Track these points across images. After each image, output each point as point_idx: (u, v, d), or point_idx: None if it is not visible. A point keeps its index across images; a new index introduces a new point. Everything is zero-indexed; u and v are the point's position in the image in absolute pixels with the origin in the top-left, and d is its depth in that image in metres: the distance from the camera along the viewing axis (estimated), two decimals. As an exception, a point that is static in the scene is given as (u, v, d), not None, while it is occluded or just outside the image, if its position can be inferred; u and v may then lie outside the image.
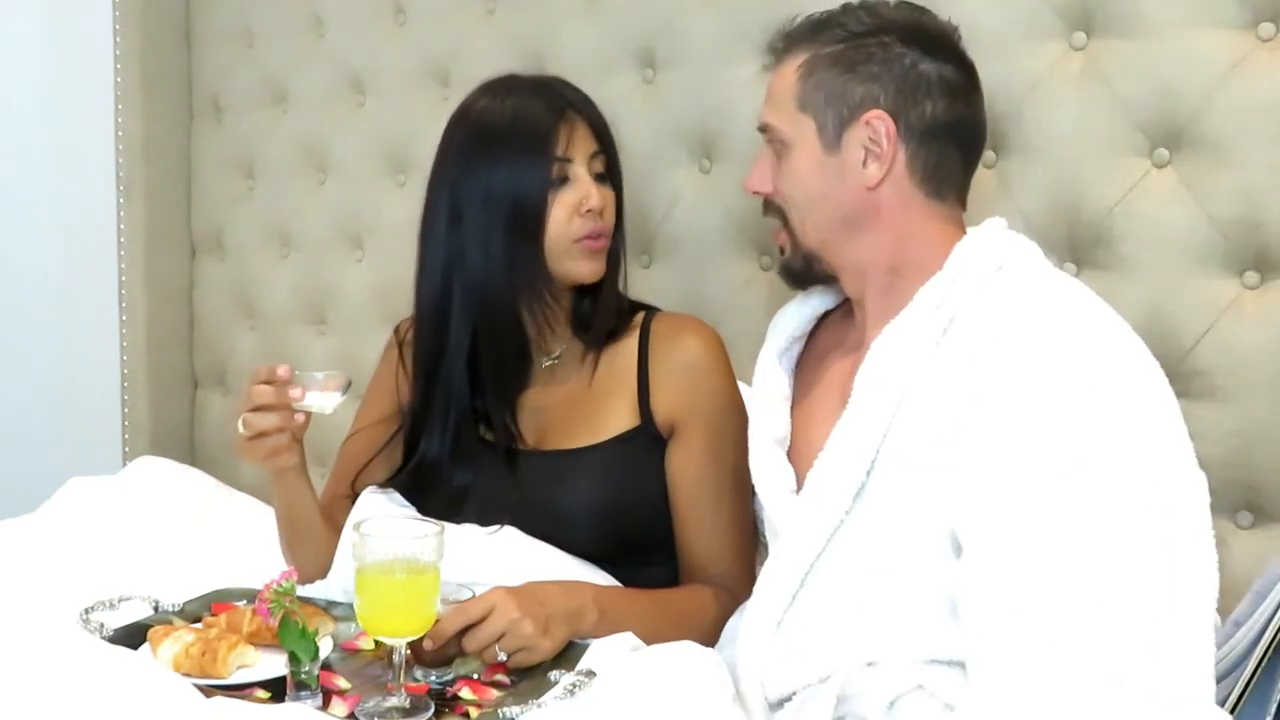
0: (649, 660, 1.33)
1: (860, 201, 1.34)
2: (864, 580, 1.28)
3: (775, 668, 1.32)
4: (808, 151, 1.35)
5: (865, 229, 1.35)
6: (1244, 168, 1.47)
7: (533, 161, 1.55)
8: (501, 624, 1.34)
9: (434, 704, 1.27)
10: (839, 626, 1.29)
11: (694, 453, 1.57)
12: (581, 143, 1.59)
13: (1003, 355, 1.19)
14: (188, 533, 1.95)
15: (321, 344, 2.44)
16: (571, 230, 1.56)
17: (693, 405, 1.58)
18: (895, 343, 1.29)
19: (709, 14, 1.90)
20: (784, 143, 1.37)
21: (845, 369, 1.40)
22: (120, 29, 2.51)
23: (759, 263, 1.90)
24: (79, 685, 1.18)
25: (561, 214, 1.56)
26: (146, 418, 2.60)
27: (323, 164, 2.41)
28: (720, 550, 1.57)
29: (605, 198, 1.60)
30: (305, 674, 1.27)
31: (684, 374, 1.59)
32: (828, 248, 1.38)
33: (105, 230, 2.59)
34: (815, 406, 1.44)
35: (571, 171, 1.57)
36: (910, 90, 1.32)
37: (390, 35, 2.28)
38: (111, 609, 1.53)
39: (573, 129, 1.58)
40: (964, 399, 1.21)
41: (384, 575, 1.25)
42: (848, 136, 1.33)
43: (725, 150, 1.90)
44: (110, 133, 2.55)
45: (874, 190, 1.33)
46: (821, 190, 1.35)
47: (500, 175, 1.55)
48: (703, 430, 1.58)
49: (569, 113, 1.59)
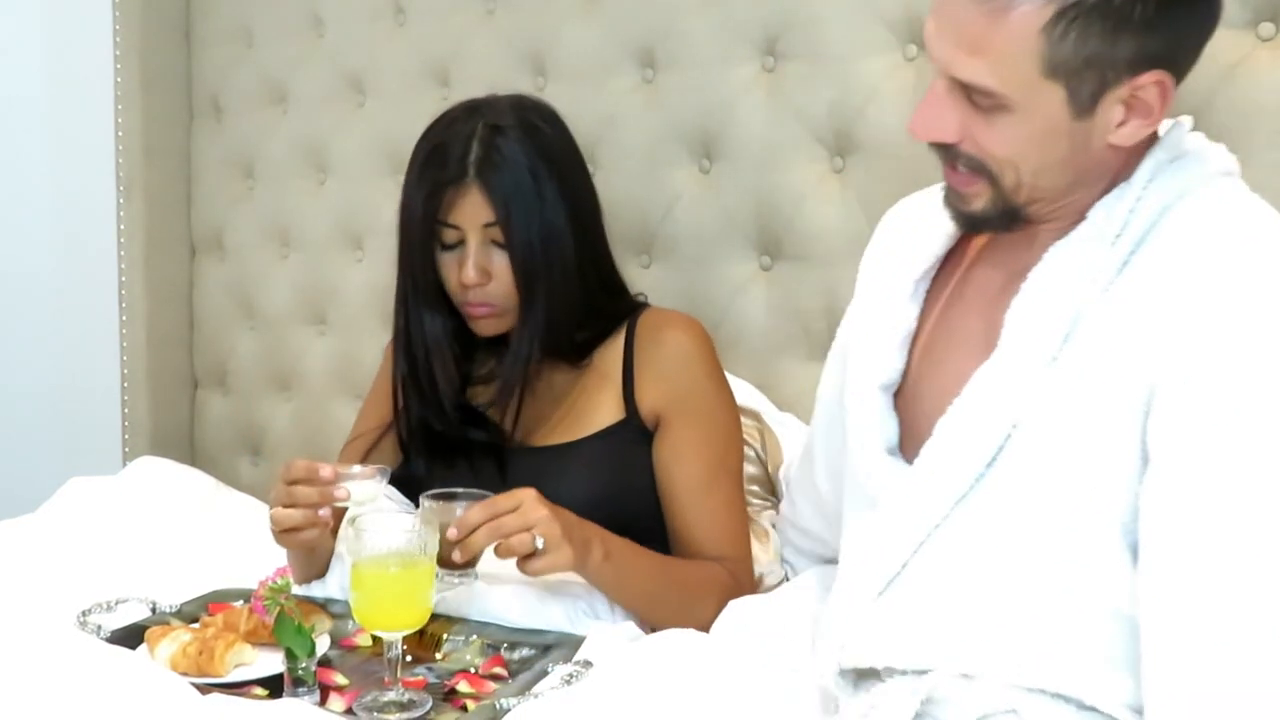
0: (646, 650, 1.33)
1: (1101, 158, 1.13)
2: (990, 563, 1.13)
3: (866, 639, 1.20)
4: (1045, 119, 1.09)
5: (1093, 180, 1.14)
6: (1247, 166, 1.47)
7: (424, 219, 1.54)
8: (532, 517, 1.33)
9: (431, 698, 1.27)
10: (949, 612, 1.15)
11: (680, 442, 1.56)
12: (473, 212, 1.51)
13: (1224, 288, 1.02)
14: (188, 533, 1.95)
15: (321, 344, 2.44)
16: (459, 295, 1.56)
17: (677, 396, 1.57)
18: (1064, 270, 1.11)
19: (709, 14, 1.90)
20: (1004, 106, 1.10)
21: (987, 299, 1.20)
22: (120, 29, 2.52)
23: (759, 263, 1.90)
24: (77, 685, 1.18)
25: (451, 276, 1.55)
26: (146, 418, 2.60)
27: (323, 164, 2.41)
28: (715, 537, 1.55)
29: (490, 268, 1.53)
30: (302, 670, 1.26)
31: (668, 366, 1.58)
32: (1046, 203, 1.16)
33: (105, 230, 2.59)
34: (940, 345, 1.24)
35: (458, 237, 1.53)
36: (1196, 42, 1.10)
37: (390, 35, 2.28)
38: (109, 611, 1.53)
39: (463, 196, 1.51)
40: (1167, 345, 1.03)
41: (378, 569, 1.25)
42: (1109, 98, 1.09)
43: (725, 150, 1.90)
44: (110, 133, 2.55)
45: (1118, 148, 1.13)
46: (1060, 156, 1.12)
47: (410, 216, 1.56)
48: (688, 420, 1.57)
49: (465, 179, 1.51)
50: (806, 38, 1.81)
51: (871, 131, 1.76)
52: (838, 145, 1.80)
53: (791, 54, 1.83)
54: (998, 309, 1.15)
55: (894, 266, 1.30)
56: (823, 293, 1.82)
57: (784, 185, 1.84)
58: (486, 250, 1.53)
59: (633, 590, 1.45)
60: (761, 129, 1.86)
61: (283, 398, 2.52)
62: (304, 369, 2.47)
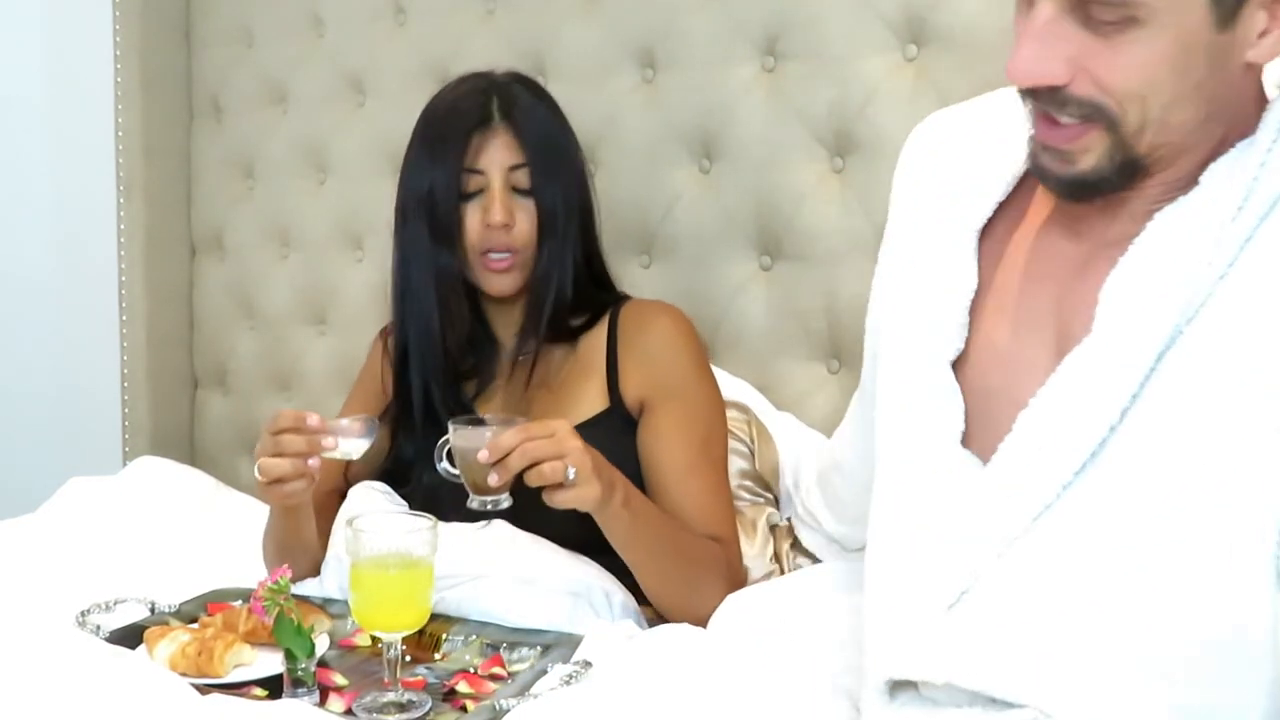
0: (645, 650, 1.32)
1: (1236, 86, 0.97)
2: (1080, 579, 0.96)
3: (932, 652, 1.03)
4: (1183, 32, 0.92)
5: (1225, 119, 0.97)
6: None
7: (446, 170, 1.56)
8: (566, 446, 1.32)
9: (431, 699, 1.27)
10: (1029, 633, 0.98)
11: (664, 426, 1.57)
12: (498, 154, 1.57)
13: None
14: (187, 533, 1.95)
15: (321, 344, 2.43)
16: (480, 243, 1.57)
17: (660, 382, 1.58)
18: (1173, 243, 0.95)
19: (709, 14, 1.90)
20: (1134, 19, 0.92)
21: (1064, 273, 1.04)
22: (120, 29, 2.51)
23: (759, 263, 1.89)
24: (76, 685, 1.18)
25: (473, 225, 1.57)
26: (146, 418, 2.60)
27: (323, 164, 2.41)
28: (703, 519, 1.54)
29: (515, 213, 1.57)
30: (302, 671, 1.26)
31: (651, 353, 1.60)
32: (1170, 152, 0.98)
33: (105, 230, 2.59)
34: (1005, 319, 1.06)
35: (483, 182, 1.57)
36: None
37: (390, 35, 2.28)
38: (107, 611, 1.53)
39: (488, 140, 1.57)
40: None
41: (378, 570, 1.25)
42: (1253, 2, 0.93)
43: (725, 150, 1.90)
44: (110, 133, 2.55)
45: (1251, 67, 0.96)
46: (1196, 81, 0.94)
47: (425, 178, 1.58)
48: (671, 404, 1.57)
49: (492, 123, 1.57)
50: (806, 38, 1.81)
51: (871, 131, 1.76)
52: (838, 145, 1.80)
53: (791, 54, 1.83)
54: (1080, 285, 1.01)
55: (941, 207, 1.12)
56: (823, 293, 1.82)
57: (784, 185, 1.84)
58: (509, 196, 1.56)
59: (643, 544, 1.45)
60: (761, 129, 1.86)
61: (283, 398, 2.51)
62: (304, 369, 2.46)
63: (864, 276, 1.80)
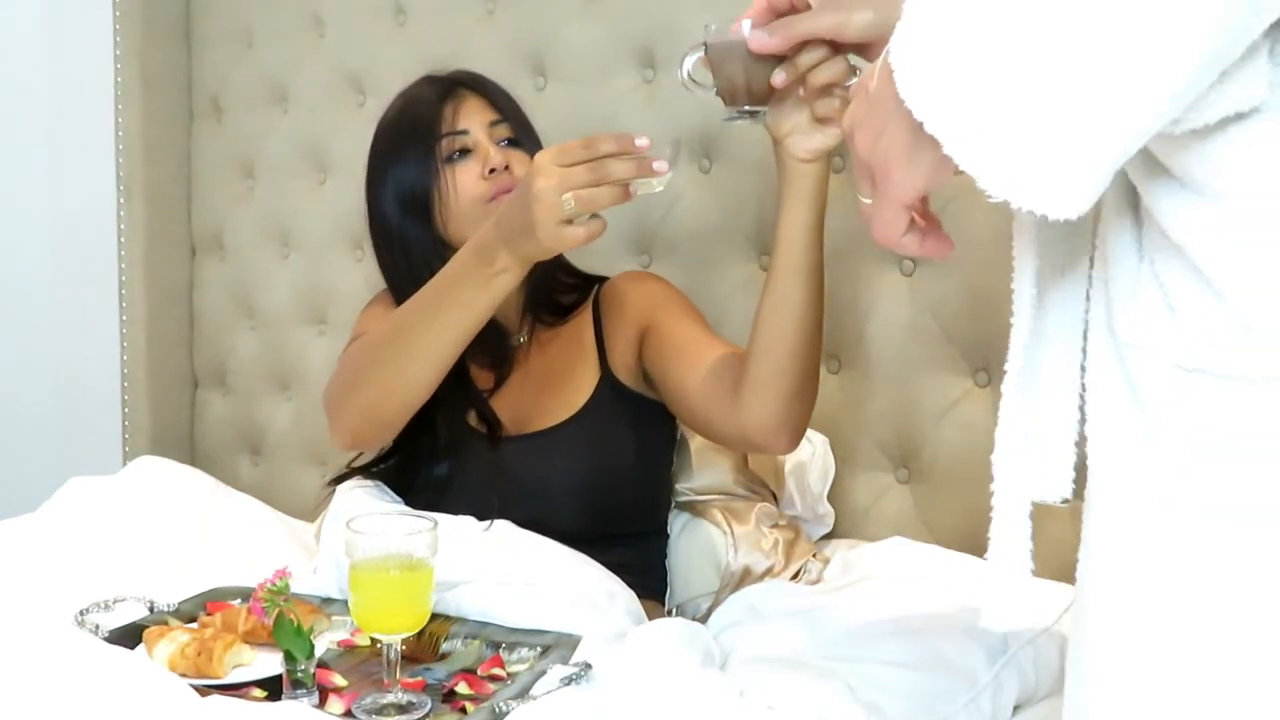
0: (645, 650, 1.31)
1: None
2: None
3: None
4: None
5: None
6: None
7: (420, 144, 1.58)
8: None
9: (430, 700, 1.26)
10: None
11: (667, 327, 1.57)
12: (476, 114, 1.62)
13: None
14: (187, 533, 1.95)
15: (321, 344, 2.43)
16: (482, 193, 1.58)
17: (646, 310, 1.60)
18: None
19: (709, 14, 1.89)
20: None
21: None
22: (120, 29, 2.51)
23: (759, 263, 1.89)
24: (76, 685, 1.18)
25: (468, 181, 1.58)
26: (146, 418, 2.60)
27: (323, 164, 2.41)
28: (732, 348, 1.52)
29: (512, 157, 1.60)
30: (301, 672, 1.26)
31: (630, 300, 1.63)
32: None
33: (105, 230, 2.59)
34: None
35: (469, 142, 1.59)
36: None
37: (390, 35, 2.28)
38: (106, 610, 1.53)
39: (461, 103, 1.61)
40: None
41: (378, 572, 1.25)
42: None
43: (725, 150, 1.90)
44: (110, 133, 2.55)
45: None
46: None
47: (393, 166, 1.61)
48: (667, 313, 1.58)
49: (458, 90, 1.62)
50: (806, 38, 1.80)
51: (871, 131, 1.75)
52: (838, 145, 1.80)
53: (791, 54, 1.83)
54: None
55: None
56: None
57: (784, 185, 1.84)
58: (497, 147, 1.60)
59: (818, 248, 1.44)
60: (762, 130, 1.85)
61: (283, 397, 2.51)
62: (304, 369, 2.46)
63: (863, 276, 1.81)
